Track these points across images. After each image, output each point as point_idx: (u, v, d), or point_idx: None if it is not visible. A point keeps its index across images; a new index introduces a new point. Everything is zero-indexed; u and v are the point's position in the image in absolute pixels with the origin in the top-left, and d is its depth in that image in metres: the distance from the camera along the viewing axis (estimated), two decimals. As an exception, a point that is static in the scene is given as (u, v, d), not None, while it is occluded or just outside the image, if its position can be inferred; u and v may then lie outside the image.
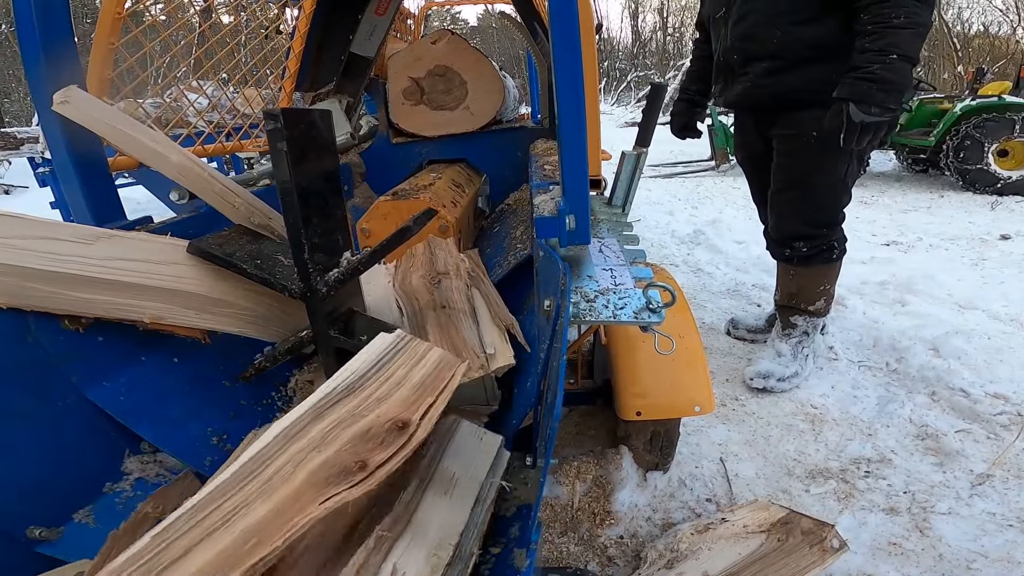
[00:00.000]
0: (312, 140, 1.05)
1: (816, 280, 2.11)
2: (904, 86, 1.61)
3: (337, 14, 2.30)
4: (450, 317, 1.23)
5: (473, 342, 1.15)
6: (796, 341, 2.19)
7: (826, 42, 1.76)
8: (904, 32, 1.58)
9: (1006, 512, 1.54)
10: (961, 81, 11.42)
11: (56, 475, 0.94)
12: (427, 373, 0.81)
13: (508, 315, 1.28)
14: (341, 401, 0.74)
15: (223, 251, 1.15)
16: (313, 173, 1.05)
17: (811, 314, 2.16)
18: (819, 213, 2.01)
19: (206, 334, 1.20)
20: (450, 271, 1.45)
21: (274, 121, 0.95)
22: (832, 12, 1.74)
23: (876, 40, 1.60)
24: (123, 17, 1.42)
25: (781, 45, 1.83)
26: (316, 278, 1.07)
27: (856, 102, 1.62)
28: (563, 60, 0.90)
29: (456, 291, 1.36)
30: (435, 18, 18.91)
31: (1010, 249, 3.85)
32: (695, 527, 1.39)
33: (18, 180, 8.28)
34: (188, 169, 1.26)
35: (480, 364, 1.06)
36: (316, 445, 0.67)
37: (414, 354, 0.85)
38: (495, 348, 1.13)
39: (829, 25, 1.76)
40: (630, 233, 1.39)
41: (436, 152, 2.65)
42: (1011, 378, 2.12)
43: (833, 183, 1.96)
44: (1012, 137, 5.50)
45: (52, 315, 0.97)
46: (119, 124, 1.19)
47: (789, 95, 1.88)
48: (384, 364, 0.82)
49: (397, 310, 1.33)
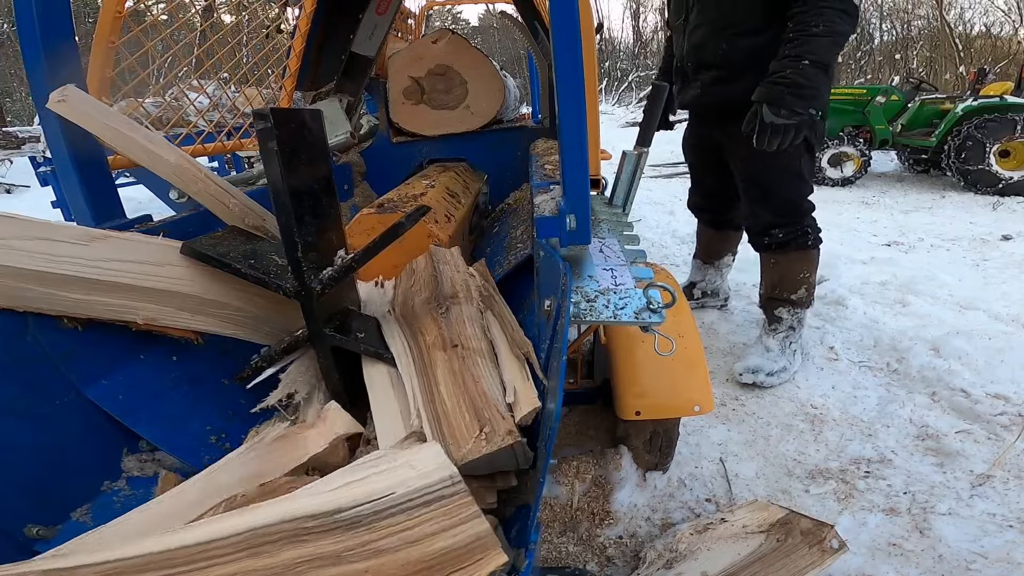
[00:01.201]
0: (303, 139, 1.05)
1: (796, 267, 2.19)
2: (815, 90, 1.70)
3: (338, 13, 2.29)
4: (464, 361, 1.03)
5: (495, 398, 0.94)
6: (783, 336, 2.26)
7: (765, 53, 1.85)
8: (822, 40, 1.68)
9: (1006, 513, 1.53)
10: (963, 81, 11.41)
11: (54, 473, 0.94)
12: (453, 546, 0.62)
13: (524, 339, 1.13)
14: (332, 532, 0.59)
15: (217, 251, 1.15)
16: (305, 172, 1.05)
17: (794, 304, 2.24)
18: (785, 204, 2.13)
19: (199, 335, 1.20)
20: (459, 293, 1.27)
21: (264, 121, 0.95)
22: (770, 25, 1.86)
23: (795, 47, 1.70)
24: (124, 16, 1.42)
25: (726, 56, 1.98)
26: (310, 276, 1.07)
27: (768, 104, 1.72)
28: (563, 60, 0.89)
29: (469, 322, 1.16)
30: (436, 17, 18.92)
31: (1011, 250, 3.85)
32: (694, 527, 1.39)
33: (19, 179, 8.29)
34: (184, 170, 1.26)
35: (507, 429, 0.85)
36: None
37: (455, 514, 0.63)
38: (516, 392, 0.94)
39: (768, 37, 1.87)
40: (631, 233, 1.38)
41: (436, 151, 2.65)
42: (1012, 379, 2.12)
43: (789, 177, 2.07)
44: (1014, 138, 5.49)
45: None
46: (115, 124, 1.19)
47: (734, 103, 1.98)
48: (413, 507, 0.63)
49: (400, 346, 1.14)
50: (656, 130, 2.48)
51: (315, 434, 1.00)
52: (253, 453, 0.98)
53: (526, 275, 1.51)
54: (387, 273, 1.54)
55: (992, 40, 16.75)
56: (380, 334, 1.21)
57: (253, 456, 0.97)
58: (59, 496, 0.94)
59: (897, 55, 17.90)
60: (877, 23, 19.07)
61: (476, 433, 0.86)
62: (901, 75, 13.08)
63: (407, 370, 1.07)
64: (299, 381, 1.21)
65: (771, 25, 1.85)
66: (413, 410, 0.97)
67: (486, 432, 0.85)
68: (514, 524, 0.85)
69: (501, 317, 1.23)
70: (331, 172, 1.15)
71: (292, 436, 1.01)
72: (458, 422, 0.90)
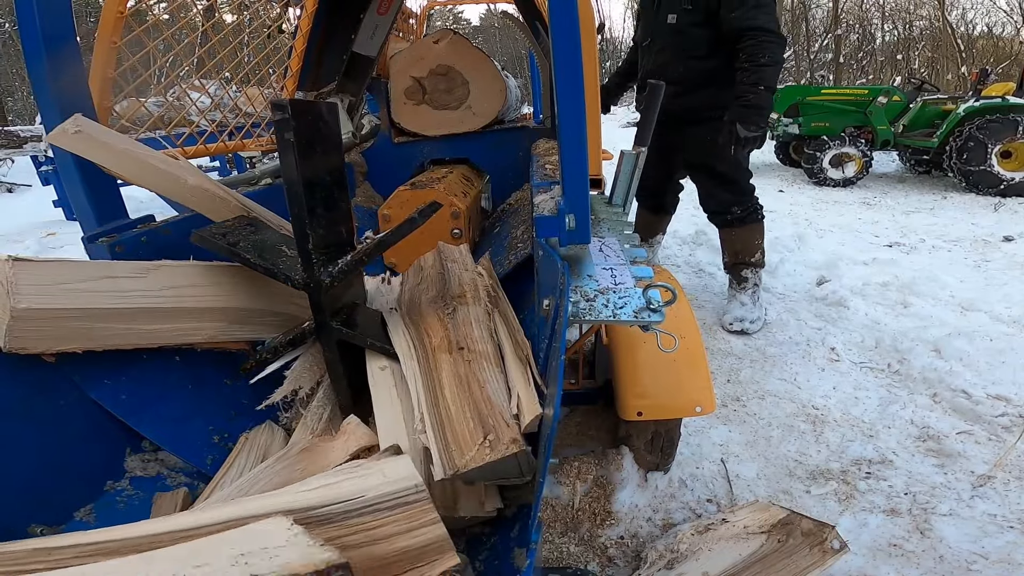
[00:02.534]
0: (319, 132, 1.06)
1: (752, 236, 2.75)
2: (768, 109, 2.28)
3: (339, 13, 2.30)
4: (470, 365, 1.03)
5: (501, 404, 0.93)
6: (751, 291, 2.78)
7: (715, 73, 2.46)
8: (768, 68, 2.22)
9: (1007, 514, 1.53)
10: (965, 82, 11.39)
11: (58, 473, 0.94)
12: (412, 547, 0.68)
13: (525, 340, 1.12)
14: (306, 526, 0.63)
15: (227, 241, 1.16)
16: (319, 164, 1.06)
17: (755, 265, 2.78)
18: (732, 184, 2.67)
19: (251, 345, 1.24)
20: (466, 292, 1.27)
21: (282, 112, 0.96)
22: (718, 51, 2.42)
23: (750, 75, 2.24)
24: (125, 16, 1.42)
25: (684, 75, 2.50)
26: (320, 269, 1.07)
27: (741, 123, 2.24)
28: (563, 59, 0.90)
29: (476, 324, 1.15)
30: (437, 17, 18.92)
31: (1013, 251, 3.84)
32: (695, 528, 1.39)
33: (21, 179, 8.30)
34: (204, 191, 1.26)
35: (511, 438, 0.85)
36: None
37: (416, 518, 0.69)
38: (519, 400, 0.94)
39: (717, 60, 2.44)
40: (631, 233, 1.38)
41: (438, 151, 2.65)
42: (1013, 380, 2.11)
43: (741, 168, 2.65)
44: (1016, 138, 5.48)
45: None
46: (130, 149, 1.19)
47: (692, 111, 2.55)
48: (380, 510, 0.69)
49: (405, 345, 1.14)
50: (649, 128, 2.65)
51: (337, 446, 1.02)
52: (282, 464, 1.00)
53: (526, 275, 1.51)
54: (420, 247, 1.68)
55: (994, 40, 16.73)
56: (385, 330, 1.21)
57: (280, 468, 0.99)
58: (62, 496, 0.94)
59: (899, 55, 17.89)
60: (879, 23, 19.05)
61: (480, 440, 0.86)
62: (903, 75, 13.06)
63: (411, 371, 1.07)
64: (304, 377, 1.21)
65: (718, 52, 2.41)
66: (417, 414, 0.97)
67: (490, 440, 0.86)
68: (515, 524, 0.86)
69: (505, 317, 1.23)
70: (344, 165, 1.15)
71: (315, 448, 1.03)
72: (462, 428, 0.89)
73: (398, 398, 1.06)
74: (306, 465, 0.98)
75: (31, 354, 0.93)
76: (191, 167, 1.29)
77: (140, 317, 1.03)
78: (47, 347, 0.93)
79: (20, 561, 0.66)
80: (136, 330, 1.02)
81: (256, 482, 0.95)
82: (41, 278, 0.92)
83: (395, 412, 1.03)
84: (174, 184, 1.22)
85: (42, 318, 0.91)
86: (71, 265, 0.97)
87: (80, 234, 1.23)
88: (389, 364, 1.14)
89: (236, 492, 0.93)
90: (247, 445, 1.11)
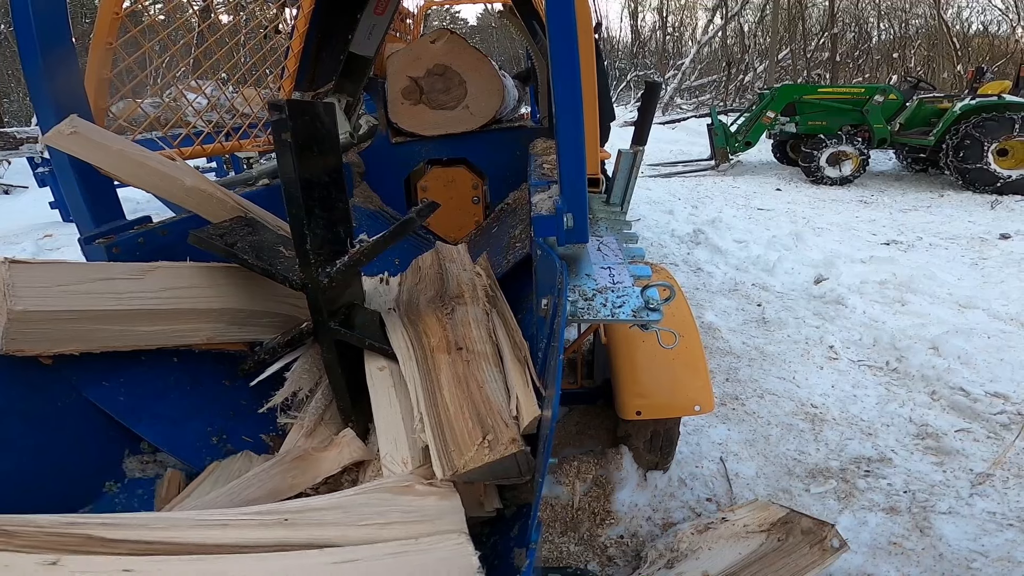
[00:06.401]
0: (316, 132, 1.06)
1: None
2: None
3: (336, 13, 2.29)
4: (469, 365, 1.03)
5: (500, 404, 0.93)
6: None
7: None
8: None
9: (1006, 511, 1.54)
10: (961, 80, 11.42)
11: (56, 474, 0.94)
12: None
13: (523, 341, 1.11)
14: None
15: (224, 241, 1.15)
16: (317, 164, 1.06)
17: None
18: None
19: (248, 346, 1.24)
20: (464, 292, 1.26)
21: (279, 112, 0.95)
22: None
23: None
24: (121, 17, 1.41)
25: None
26: (318, 269, 1.07)
27: None
28: (560, 59, 0.89)
29: (474, 324, 1.14)
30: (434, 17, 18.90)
31: (1010, 248, 3.85)
32: (695, 527, 1.39)
33: (17, 180, 8.26)
34: (200, 192, 1.26)
35: (510, 438, 0.85)
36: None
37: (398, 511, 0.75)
38: (518, 401, 0.93)
39: None
40: (629, 232, 1.38)
41: (435, 151, 2.64)
42: (1011, 377, 2.12)
43: None
44: (1012, 136, 5.50)
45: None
46: (126, 151, 1.18)
47: None
48: (362, 506, 0.75)
49: (404, 346, 1.13)
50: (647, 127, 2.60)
51: (330, 457, 1.02)
52: (275, 470, 1.00)
53: (524, 275, 1.51)
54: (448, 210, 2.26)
55: (990, 39, 16.78)
56: (383, 331, 1.21)
57: (275, 473, 1.00)
58: (61, 497, 0.94)
59: (895, 54, 17.92)
60: (875, 22, 19.09)
61: (479, 440, 0.86)
62: (899, 74, 13.08)
63: (410, 372, 1.06)
64: (303, 379, 1.21)
65: None
66: (416, 414, 0.97)
67: (489, 440, 0.85)
68: (515, 524, 0.85)
69: (504, 317, 1.23)
70: (342, 165, 1.15)
71: (308, 457, 1.03)
72: (461, 429, 0.89)
73: (397, 398, 1.06)
74: (297, 474, 0.99)
75: (28, 356, 0.93)
76: (188, 168, 1.28)
77: (137, 318, 1.02)
78: (44, 349, 0.93)
79: (70, 545, 0.66)
80: (133, 331, 1.02)
81: (248, 487, 0.95)
82: (38, 280, 0.91)
83: (394, 412, 1.03)
84: (171, 185, 1.22)
85: (39, 320, 0.90)
86: (68, 267, 0.96)
87: (77, 236, 1.22)
88: (388, 364, 1.13)
89: (225, 496, 0.93)
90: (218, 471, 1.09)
